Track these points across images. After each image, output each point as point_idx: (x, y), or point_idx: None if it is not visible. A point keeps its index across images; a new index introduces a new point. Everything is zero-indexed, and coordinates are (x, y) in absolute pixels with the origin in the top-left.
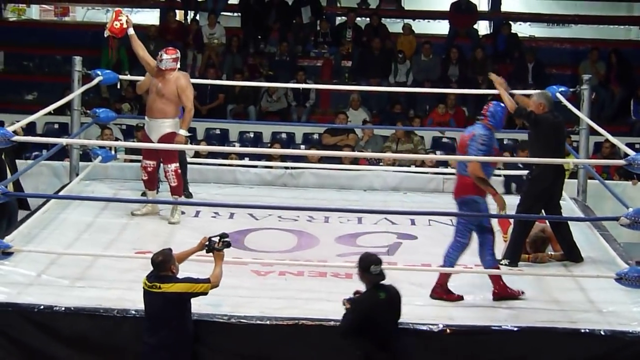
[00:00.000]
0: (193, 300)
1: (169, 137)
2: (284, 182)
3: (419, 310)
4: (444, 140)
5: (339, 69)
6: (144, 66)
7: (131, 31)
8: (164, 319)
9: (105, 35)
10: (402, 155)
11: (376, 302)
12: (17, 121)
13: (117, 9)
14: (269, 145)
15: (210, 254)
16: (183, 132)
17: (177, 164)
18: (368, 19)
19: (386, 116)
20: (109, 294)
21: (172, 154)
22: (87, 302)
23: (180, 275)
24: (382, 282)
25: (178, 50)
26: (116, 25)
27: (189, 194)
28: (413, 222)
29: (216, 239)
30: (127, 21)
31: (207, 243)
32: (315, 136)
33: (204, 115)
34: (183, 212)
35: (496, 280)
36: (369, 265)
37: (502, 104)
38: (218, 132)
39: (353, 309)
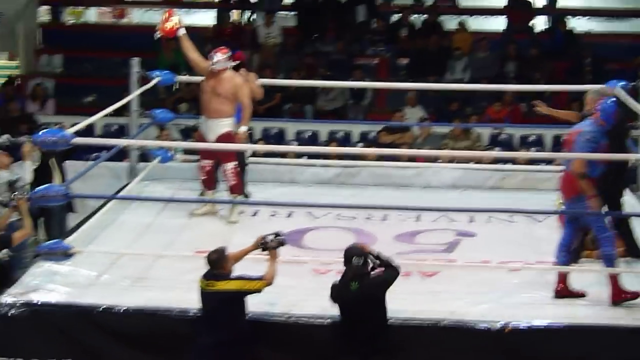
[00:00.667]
0: (250, 298)
1: (227, 136)
2: (342, 181)
3: (477, 309)
4: (502, 137)
5: (395, 67)
6: (194, 67)
7: (182, 31)
8: (220, 317)
9: (157, 37)
10: (460, 153)
11: (346, 292)
12: (76, 123)
13: (168, 9)
14: (325, 144)
15: (266, 252)
16: (243, 128)
17: (236, 163)
18: (423, 16)
19: (443, 114)
20: (169, 294)
21: (229, 153)
22: (147, 302)
23: (236, 274)
24: (367, 274)
25: (229, 50)
26: (168, 26)
27: (247, 193)
28: (472, 220)
29: (270, 237)
30: (178, 21)
31: (261, 241)
32: (372, 134)
33: (261, 114)
34: (242, 212)
35: (561, 278)
36: (350, 257)
37: (613, 99)
38: (275, 131)
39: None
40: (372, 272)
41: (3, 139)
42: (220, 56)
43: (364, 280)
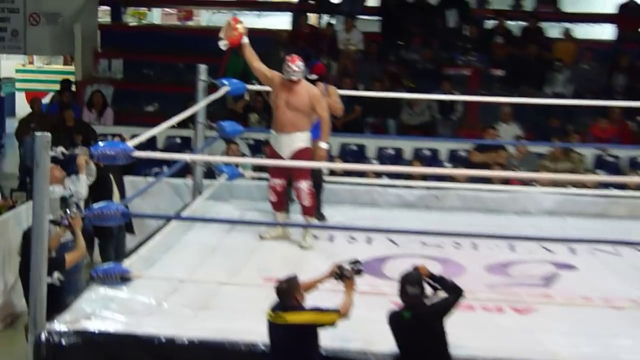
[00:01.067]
0: (323, 333)
1: (303, 152)
2: (427, 204)
3: (578, 351)
4: (608, 158)
5: (489, 79)
6: (259, 77)
7: (245, 40)
8: (290, 352)
9: (223, 47)
10: (560, 176)
11: (398, 321)
12: (137, 135)
13: (233, 16)
14: (410, 162)
15: (341, 282)
16: (324, 145)
17: (311, 182)
18: (521, 22)
19: (541, 131)
20: (236, 325)
21: (305, 171)
22: (212, 334)
23: (307, 305)
24: (422, 303)
25: (305, 58)
26: (234, 35)
27: (322, 216)
28: (572, 251)
29: (347, 265)
30: (243, 29)
31: (337, 270)
32: (462, 153)
33: (338, 129)
34: (316, 236)
35: None
36: (404, 283)
37: None
38: (354, 147)
39: None
40: (430, 298)
41: (56, 151)
42: (298, 66)
43: (417, 308)
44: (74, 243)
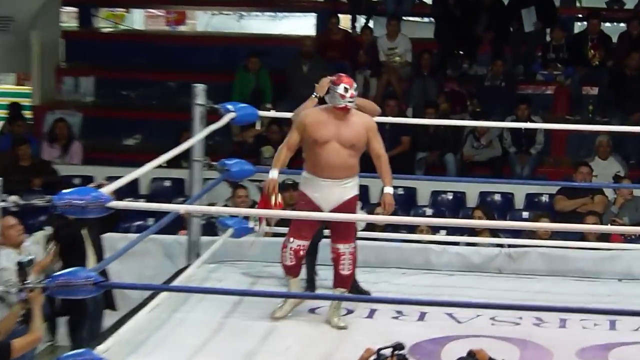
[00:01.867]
0: None
1: (352, 203)
2: (499, 267)
3: None
4: None
5: (580, 100)
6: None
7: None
8: None
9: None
10: None
11: None
12: (114, 177)
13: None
14: (474, 211)
15: None
16: (389, 190)
17: (355, 244)
18: (621, 24)
19: None
20: None
21: (351, 229)
22: None
23: None
24: None
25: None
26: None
27: (358, 284)
28: None
29: (387, 352)
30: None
31: (375, 357)
32: (545, 198)
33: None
34: (350, 311)
35: None
36: None
37: None
38: (401, 192)
39: None
40: None
41: (8, 200)
42: (351, 88)
43: None
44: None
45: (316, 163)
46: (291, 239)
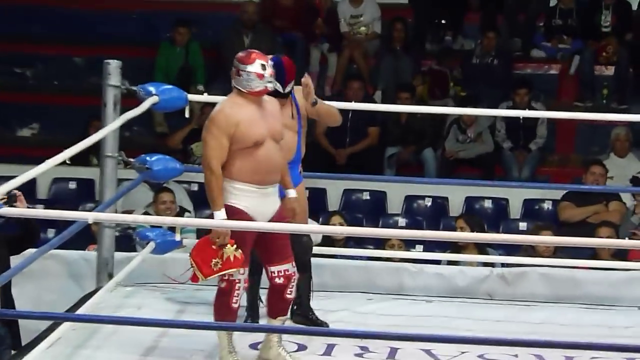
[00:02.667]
0: None
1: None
2: (489, 292)
3: None
4: None
5: (592, 82)
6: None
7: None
8: None
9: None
10: None
11: None
12: (5, 177)
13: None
14: (459, 221)
15: None
16: (292, 194)
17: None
18: None
19: None
20: None
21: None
22: None
23: None
24: None
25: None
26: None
27: (312, 313)
28: None
29: None
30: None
31: None
32: (547, 206)
33: (340, 165)
34: (302, 347)
35: None
36: None
37: None
38: (367, 196)
39: None
40: None
41: None
42: (270, 66)
43: None
44: None
45: (256, 169)
46: (241, 270)
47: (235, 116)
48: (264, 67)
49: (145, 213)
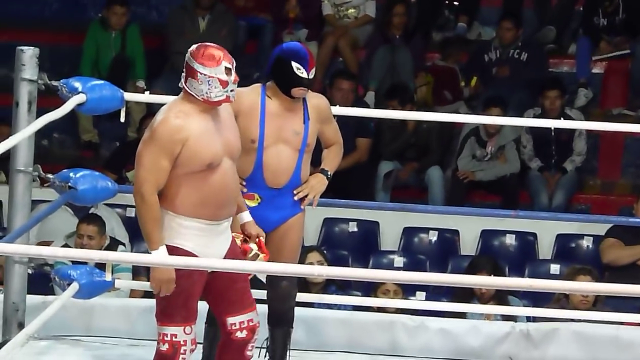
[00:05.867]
0: None
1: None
2: (510, 354)
3: None
4: None
5: None
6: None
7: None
8: None
9: None
10: None
11: None
12: None
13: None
14: (474, 263)
15: None
16: (247, 217)
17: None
18: None
19: None
20: None
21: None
22: None
23: None
24: None
25: None
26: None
27: None
28: None
29: None
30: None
31: None
32: (586, 243)
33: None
34: None
35: None
36: None
37: None
38: (354, 228)
39: None
40: None
41: None
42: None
43: None
44: None
45: (208, 200)
46: (187, 328)
47: (184, 130)
48: (229, 71)
49: (66, 245)
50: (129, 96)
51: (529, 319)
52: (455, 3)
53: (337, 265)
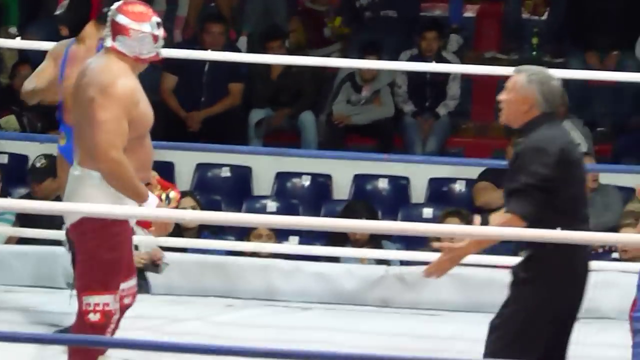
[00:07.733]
0: None
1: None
2: (384, 297)
3: None
4: None
5: (520, 27)
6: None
7: None
8: None
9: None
10: None
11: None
12: None
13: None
14: (349, 207)
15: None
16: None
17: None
18: None
19: (633, 139)
20: None
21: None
22: None
23: None
24: None
25: None
26: None
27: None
28: None
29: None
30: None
31: None
32: (459, 187)
33: (193, 132)
34: None
35: None
36: None
37: None
38: (227, 173)
39: None
40: None
41: None
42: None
43: None
44: None
45: (143, 164)
46: (116, 296)
47: (137, 91)
48: (159, 25)
49: None
50: (1, 42)
51: (403, 262)
52: None
53: (209, 210)
